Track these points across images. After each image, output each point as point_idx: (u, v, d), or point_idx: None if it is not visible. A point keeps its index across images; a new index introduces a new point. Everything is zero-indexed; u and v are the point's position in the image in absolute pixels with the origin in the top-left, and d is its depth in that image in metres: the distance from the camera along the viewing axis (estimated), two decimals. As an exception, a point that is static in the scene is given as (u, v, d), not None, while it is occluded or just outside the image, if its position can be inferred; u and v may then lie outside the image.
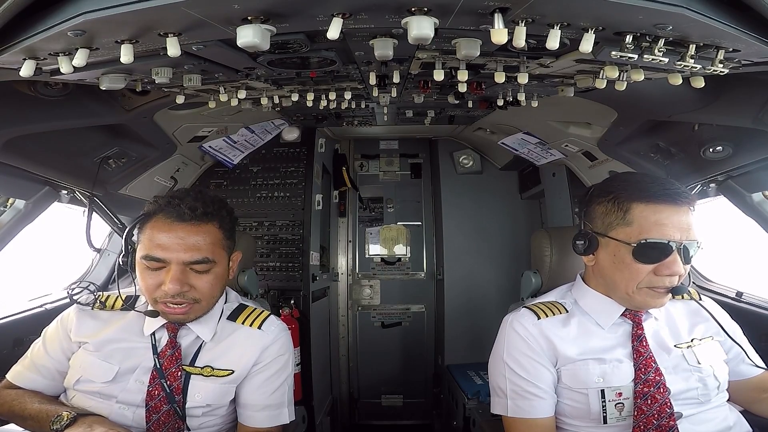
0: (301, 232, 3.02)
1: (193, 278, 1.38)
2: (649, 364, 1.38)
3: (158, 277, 1.37)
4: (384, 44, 1.11)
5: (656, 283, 1.35)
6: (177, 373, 1.41)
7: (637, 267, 1.35)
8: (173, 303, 1.38)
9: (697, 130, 1.81)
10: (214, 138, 2.66)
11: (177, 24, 0.97)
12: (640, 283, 1.36)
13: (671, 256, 1.32)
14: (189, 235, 1.37)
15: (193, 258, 1.36)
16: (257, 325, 1.52)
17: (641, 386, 1.35)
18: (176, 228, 1.37)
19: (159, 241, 1.36)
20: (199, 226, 1.39)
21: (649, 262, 1.34)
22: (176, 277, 1.34)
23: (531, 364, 1.42)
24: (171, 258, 1.35)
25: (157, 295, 1.38)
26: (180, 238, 1.36)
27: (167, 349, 1.44)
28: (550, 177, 3.08)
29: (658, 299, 1.38)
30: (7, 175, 1.80)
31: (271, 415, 1.49)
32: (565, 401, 1.42)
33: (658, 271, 1.34)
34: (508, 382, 1.44)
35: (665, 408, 1.33)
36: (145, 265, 1.38)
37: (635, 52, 1.04)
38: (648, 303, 1.40)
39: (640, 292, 1.37)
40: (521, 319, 1.48)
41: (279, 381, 1.51)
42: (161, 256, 1.35)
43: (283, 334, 1.55)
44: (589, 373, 1.39)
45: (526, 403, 1.41)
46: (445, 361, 3.52)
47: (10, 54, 1.04)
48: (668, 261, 1.33)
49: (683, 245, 1.33)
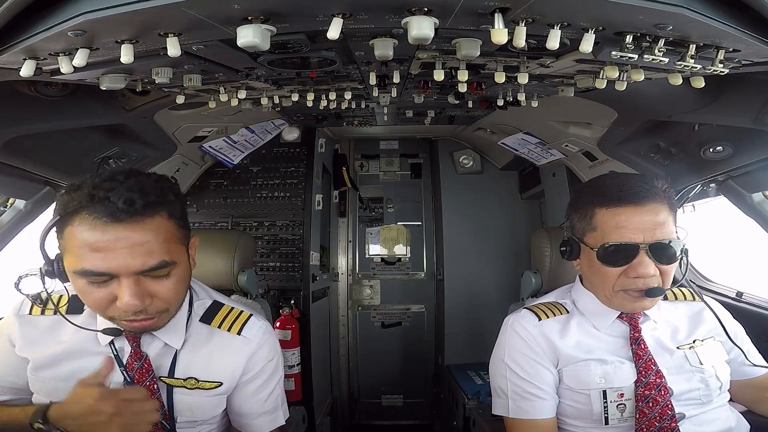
0: (301, 232, 3.02)
1: (151, 286, 1.12)
2: (649, 366, 1.38)
3: (106, 291, 1.09)
4: (384, 44, 1.11)
5: (628, 285, 1.34)
6: (153, 386, 1.24)
7: (606, 270, 1.35)
8: (137, 320, 1.14)
9: (697, 130, 1.81)
10: (214, 138, 2.66)
11: (177, 24, 0.97)
12: (614, 286, 1.37)
13: (637, 257, 1.31)
14: (134, 235, 1.06)
15: (146, 265, 1.08)
16: (236, 330, 1.34)
17: (642, 389, 1.35)
18: (113, 229, 1.05)
19: (92, 248, 1.05)
20: (144, 223, 1.07)
21: (613, 266, 1.34)
22: (133, 291, 1.07)
23: (531, 365, 1.42)
24: (117, 269, 1.06)
25: (111, 313, 1.14)
26: (123, 242, 1.05)
27: (133, 361, 1.24)
28: (550, 177, 3.09)
29: (635, 302, 1.37)
30: (7, 175, 1.80)
31: (268, 420, 1.42)
32: (567, 402, 1.42)
33: (628, 273, 1.33)
34: (509, 383, 1.44)
35: (667, 410, 1.33)
36: (85, 281, 1.09)
37: (635, 52, 1.03)
38: (625, 306, 1.40)
39: (616, 295, 1.38)
40: (522, 321, 1.48)
41: (272, 386, 1.42)
42: (103, 270, 1.06)
43: (266, 337, 1.39)
44: (591, 373, 1.39)
45: (527, 404, 1.41)
46: (445, 361, 3.52)
47: (10, 54, 1.04)
48: (635, 263, 1.31)
49: (650, 246, 1.30)
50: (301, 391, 2.79)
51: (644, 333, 1.43)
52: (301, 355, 2.82)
